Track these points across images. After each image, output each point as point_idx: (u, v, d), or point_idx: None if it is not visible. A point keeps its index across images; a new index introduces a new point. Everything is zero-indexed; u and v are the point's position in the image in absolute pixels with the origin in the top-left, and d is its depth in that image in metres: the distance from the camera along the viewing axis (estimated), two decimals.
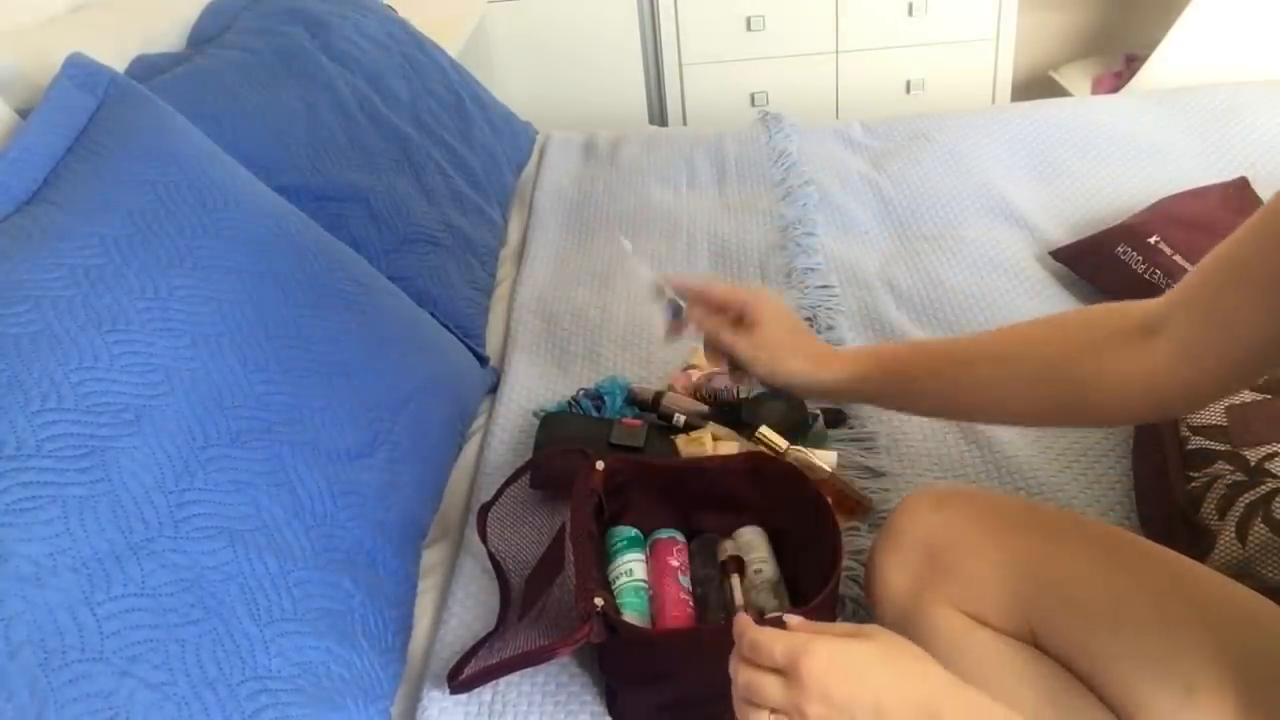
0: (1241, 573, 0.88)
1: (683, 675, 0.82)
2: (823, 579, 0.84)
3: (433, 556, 1.09)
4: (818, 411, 1.18)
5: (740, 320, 0.91)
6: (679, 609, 0.90)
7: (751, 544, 0.95)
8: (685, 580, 0.94)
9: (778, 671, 0.57)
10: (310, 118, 1.37)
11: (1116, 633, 0.71)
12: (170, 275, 0.90)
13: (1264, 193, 1.51)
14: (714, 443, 1.11)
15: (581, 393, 1.22)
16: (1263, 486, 0.91)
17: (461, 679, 0.85)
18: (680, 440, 1.12)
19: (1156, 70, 2.50)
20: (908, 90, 2.82)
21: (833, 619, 0.88)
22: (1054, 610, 0.75)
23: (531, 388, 1.30)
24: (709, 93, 2.86)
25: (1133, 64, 2.69)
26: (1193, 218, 1.38)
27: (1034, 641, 0.77)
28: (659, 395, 1.18)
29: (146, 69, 1.28)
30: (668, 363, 1.33)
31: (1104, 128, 1.80)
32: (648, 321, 1.42)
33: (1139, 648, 0.70)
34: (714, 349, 0.94)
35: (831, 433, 1.18)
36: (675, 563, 0.95)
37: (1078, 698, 0.70)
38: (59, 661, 0.66)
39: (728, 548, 0.95)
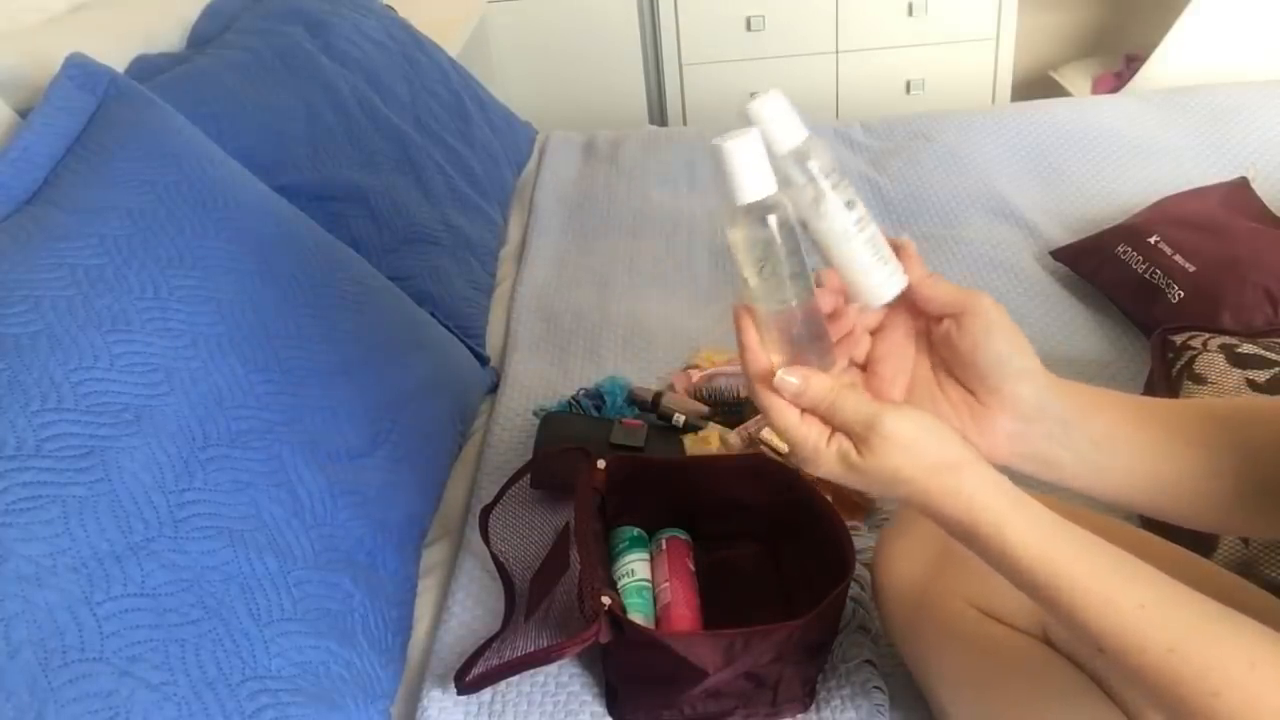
0: (1244, 573, 0.88)
1: (687, 677, 0.82)
2: (830, 581, 0.83)
3: (433, 556, 1.08)
4: None
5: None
6: (689, 610, 0.90)
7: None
8: (697, 583, 0.94)
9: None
10: (310, 117, 1.37)
11: None
12: (170, 275, 0.90)
13: (1264, 193, 1.51)
14: (720, 443, 1.11)
15: (581, 393, 1.22)
16: None
17: (470, 679, 0.85)
18: (688, 440, 1.12)
19: (1156, 70, 2.50)
20: (908, 90, 2.82)
21: (837, 623, 0.88)
22: None
23: (531, 388, 1.30)
24: (709, 93, 2.86)
25: (1133, 64, 2.69)
26: (1193, 218, 1.38)
27: (1046, 638, 0.76)
28: (659, 395, 1.18)
29: (146, 69, 1.28)
30: (668, 363, 1.33)
31: (1104, 128, 1.80)
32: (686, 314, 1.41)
33: None
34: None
35: None
36: (692, 566, 0.95)
37: (1090, 696, 0.70)
38: (59, 661, 0.66)
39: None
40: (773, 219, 0.57)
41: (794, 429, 0.59)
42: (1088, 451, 0.64)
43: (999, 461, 0.64)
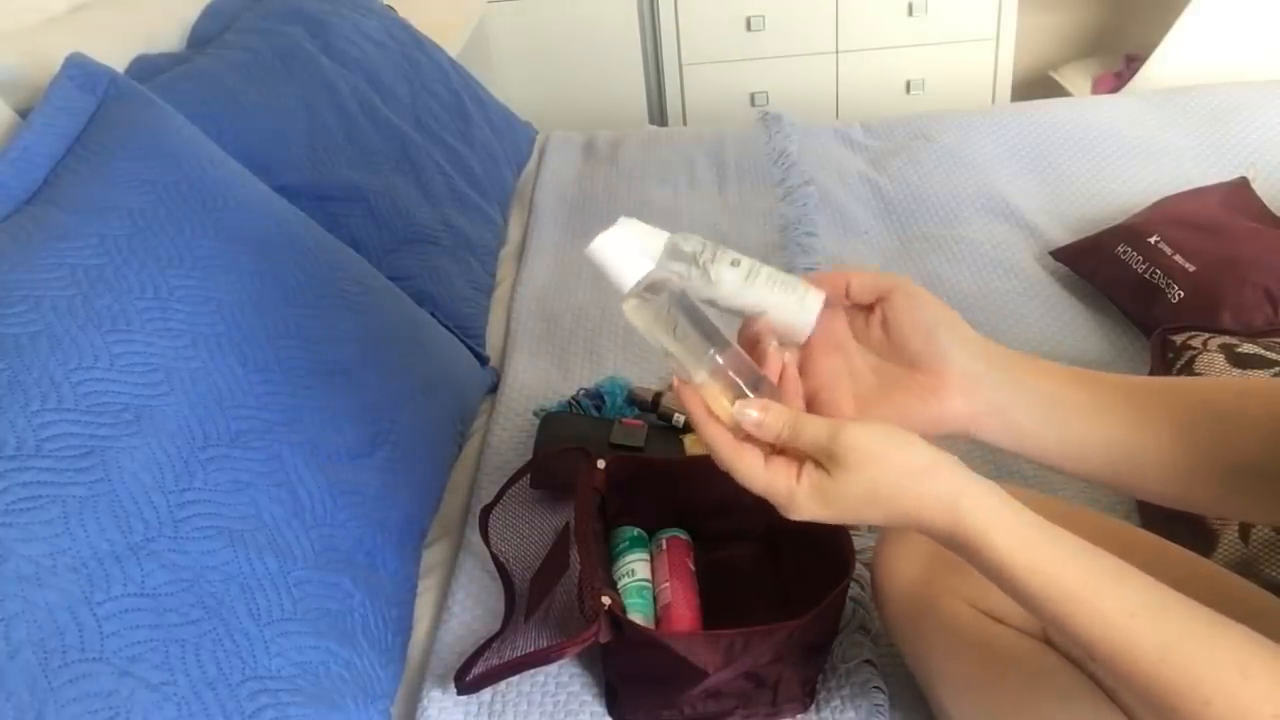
0: (1244, 572, 0.88)
1: (687, 677, 0.82)
2: (829, 581, 0.83)
3: (433, 556, 1.08)
4: None
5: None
6: (689, 610, 0.90)
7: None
8: (697, 583, 0.94)
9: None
10: (310, 117, 1.37)
11: None
12: (170, 275, 0.90)
13: (1264, 193, 1.51)
14: None
15: (581, 393, 1.22)
16: None
17: (470, 679, 0.85)
18: (688, 440, 1.12)
19: (1156, 70, 2.50)
20: (908, 90, 2.82)
21: (837, 623, 0.88)
22: None
23: (531, 388, 1.30)
24: (709, 93, 2.86)
25: (1133, 64, 2.69)
26: (1193, 218, 1.38)
27: (1046, 638, 0.76)
28: (659, 395, 1.18)
29: (146, 69, 1.28)
30: (668, 363, 1.33)
31: (1104, 128, 1.80)
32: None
33: None
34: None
35: None
36: (693, 566, 0.95)
37: (1090, 697, 0.70)
38: (59, 661, 0.66)
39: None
40: (661, 291, 0.63)
41: (762, 479, 0.60)
42: (1042, 410, 0.65)
43: (961, 429, 0.65)
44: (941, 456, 0.58)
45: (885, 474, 0.57)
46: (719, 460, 0.61)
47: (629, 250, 0.64)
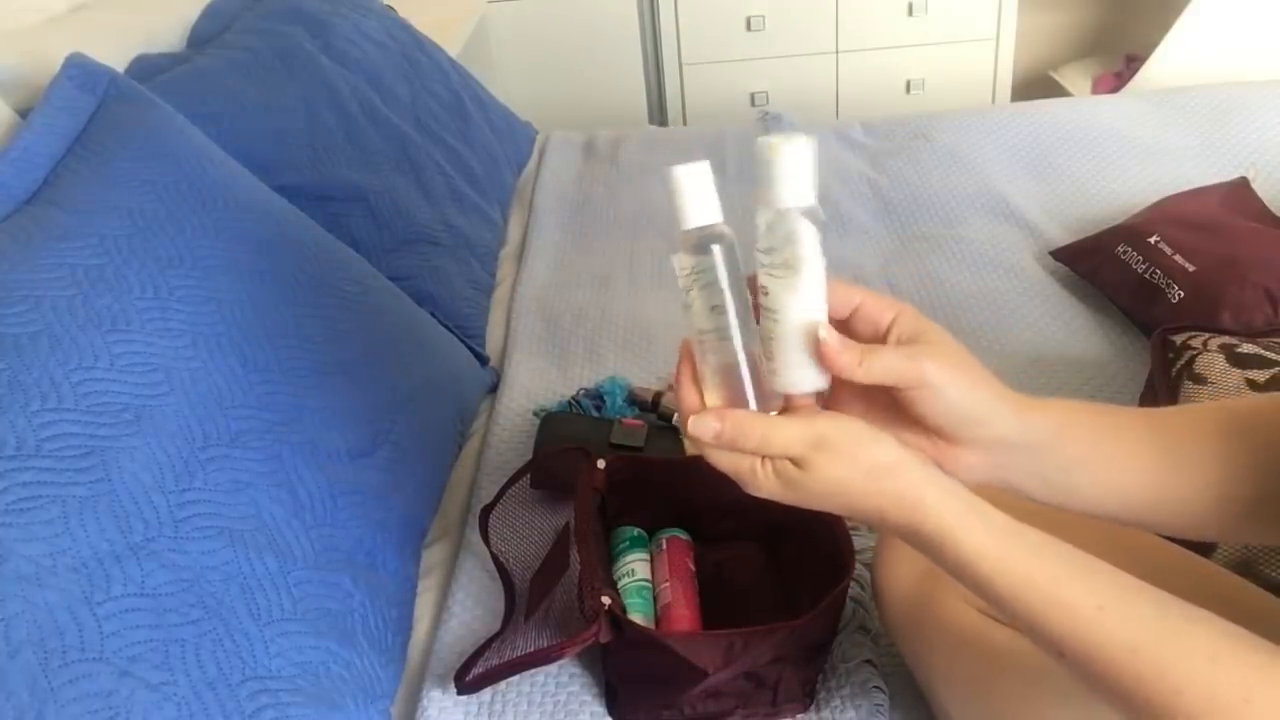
0: (1244, 572, 0.88)
1: (687, 677, 0.82)
2: (830, 581, 0.83)
3: (433, 556, 1.08)
4: None
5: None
6: (688, 610, 0.90)
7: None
8: (697, 583, 0.94)
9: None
10: (310, 117, 1.37)
11: None
12: (170, 275, 0.90)
13: (1264, 193, 1.51)
14: None
15: (581, 392, 1.22)
16: None
17: (470, 679, 0.85)
18: (688, 440, 1.12)
19: (1156, 70, 2.50)
20: (908, 90, 2.82)
21: (837, 623, 0.88)
22: None
23: (531, 388, 1.30)
24: (709, 93, 2.86)
25: (1133, 64, 2.70)
26: (1193, 218, 1.38)
27: None
28: (659, 395, 1.18)
29: (146, 69, 1.28)
30: (668, 363, 1.33)
31: (1104, 128, 1.81)
32: (672, 326, 1.41)
33: None
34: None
35: None
36: (693, 566, 0.95)
37: (1090, 696, 0.70)
38: (59, 661, 0.66)
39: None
40: (716, 248, 0.58)
41: (726, 460, 0.60)
42: (1055, 477, 0.63)
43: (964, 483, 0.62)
44: (906, 455, 0.58)
45: (850, 471, 0.57)
46: (684, 430, 0.61)
47: (708, 192, 0.58)
